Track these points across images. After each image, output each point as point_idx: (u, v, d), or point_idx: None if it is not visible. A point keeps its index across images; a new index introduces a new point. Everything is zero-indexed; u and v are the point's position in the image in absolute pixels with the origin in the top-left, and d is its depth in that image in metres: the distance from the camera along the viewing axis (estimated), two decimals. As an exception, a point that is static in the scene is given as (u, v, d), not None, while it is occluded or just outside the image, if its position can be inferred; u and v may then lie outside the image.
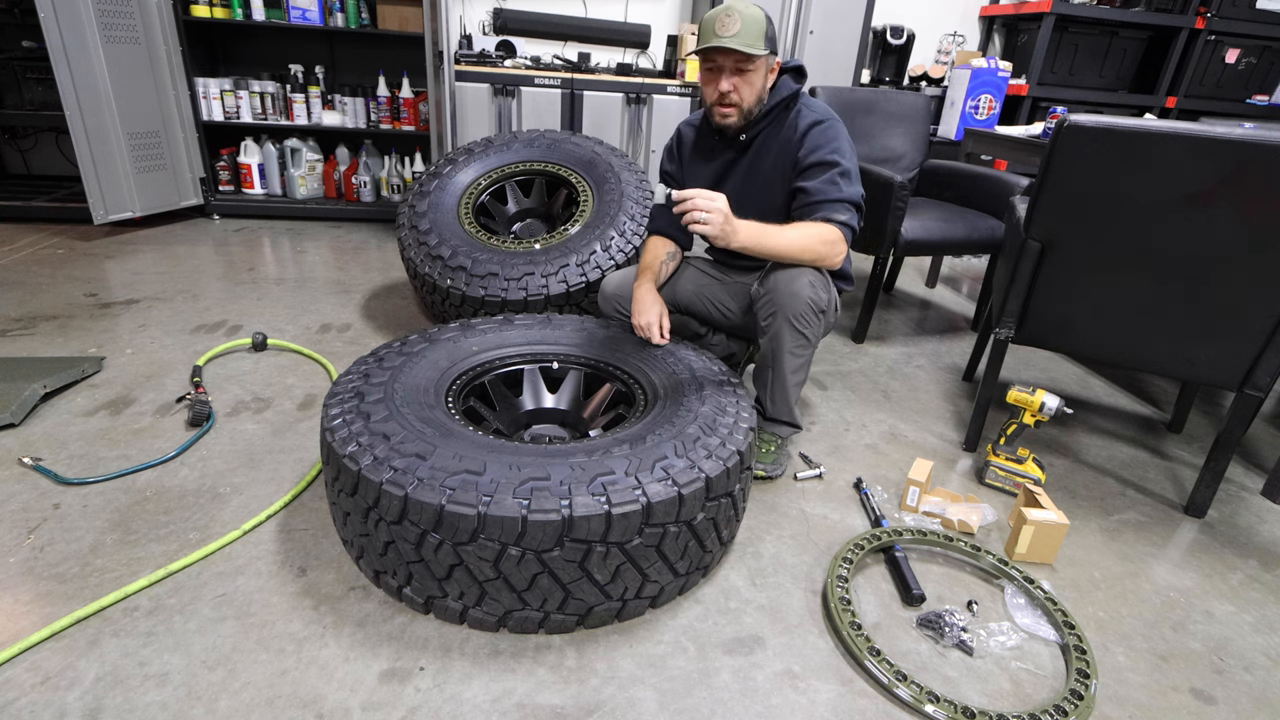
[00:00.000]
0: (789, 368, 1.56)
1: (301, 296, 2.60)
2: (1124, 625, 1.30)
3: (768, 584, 1.32)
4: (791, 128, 1.57)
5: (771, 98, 1.57)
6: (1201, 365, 1.53)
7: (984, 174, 2.65)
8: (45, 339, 2.10)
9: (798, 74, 1.60)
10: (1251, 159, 1.33)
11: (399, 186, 3.80)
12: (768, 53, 1.47)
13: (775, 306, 1.50)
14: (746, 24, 1.43)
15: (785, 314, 1.49)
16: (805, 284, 1.48)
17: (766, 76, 1.53)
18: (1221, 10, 3.86)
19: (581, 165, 2.43)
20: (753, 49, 1.44)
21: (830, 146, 1.52)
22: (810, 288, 1.48)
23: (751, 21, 1.44)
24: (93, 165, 2.92)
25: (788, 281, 1.48)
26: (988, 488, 1.70)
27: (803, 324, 1.50)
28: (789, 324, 1.50)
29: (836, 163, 1.50)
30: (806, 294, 1.48)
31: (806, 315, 1.50)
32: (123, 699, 1.00)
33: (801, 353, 1.55)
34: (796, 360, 1.56)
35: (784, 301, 1.49)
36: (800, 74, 1.60)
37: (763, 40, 1.45)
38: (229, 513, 1.41)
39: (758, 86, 1.52)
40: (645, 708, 1.05)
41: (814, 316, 1.51)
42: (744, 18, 1.43)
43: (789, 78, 1.59)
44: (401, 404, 1.26)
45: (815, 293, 1.49)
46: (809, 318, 1.50)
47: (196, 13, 3.25)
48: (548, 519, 1.02)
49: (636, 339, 1.64)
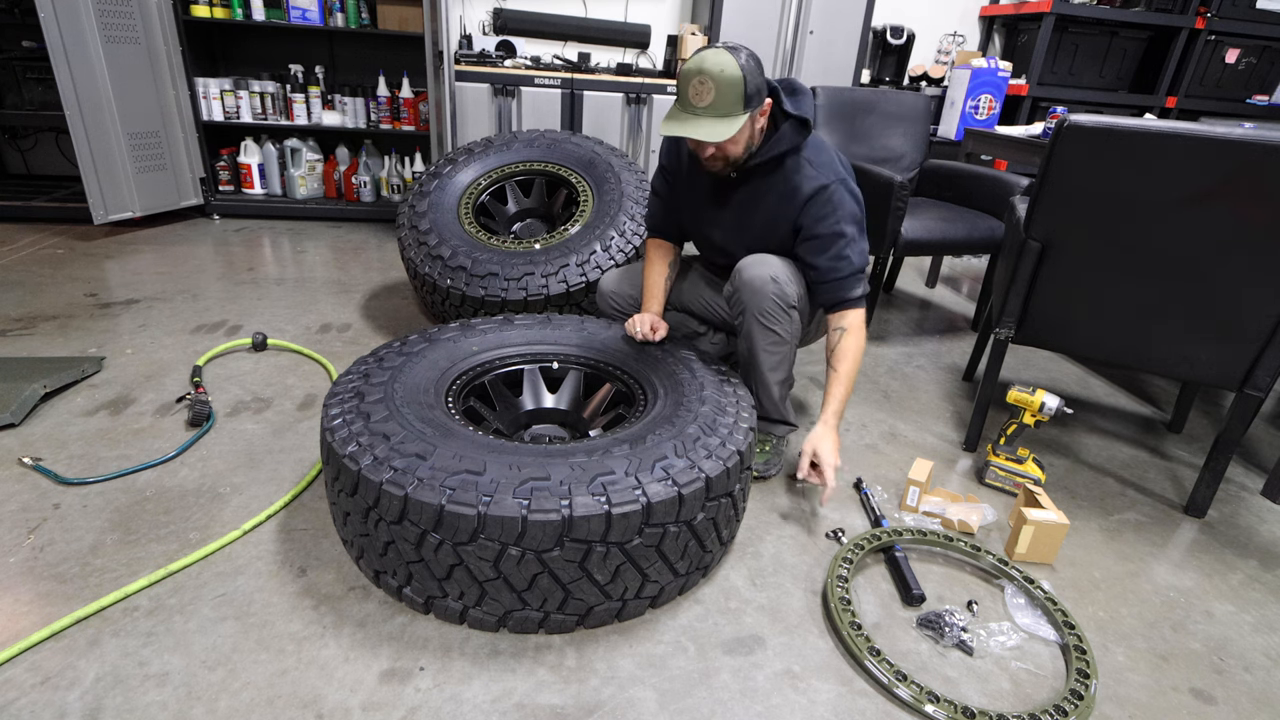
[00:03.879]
0: (766, 366, 1.54)
1: (301, 296, 2.60)
2: (1124, 625, 1.30)
3: (768, 584, 1.33)
4: (794, 182, 1.47)
5: (770, 148, 1.45)
6: (1201, 365, 1.53)
7: (984, 174, 2.65)
8: (45, 339, 2.10)
9: (803, 126, 1.45)
10: (1251, 159, 1.33)
11: (399, 186, 3.80)
12: (748, 115, 1.36)
13: (742, 305, 1.49)
14: (721, 92, 1.31)
15: (751, 312, 1.48)
16: (768, 279, 1.44)
17: (754, 124, 1.41)
18: (1221, 10, 3.86)
19: (581, 165, 2.43)
20: (727, 122, 1.33)
21: (834, 216, 1.45)
22: (773, 283, 1.45)
23: (727, 88, 1.31)
24: (93, 165, 2.92)
25: (750, 279, 1.45)
26: (988, 488, 1.70)
27: (771, 320, 1.48)
28: (757, 322, 1.48)
29: (842, 233, 1.45)
30: (770, 290, 1.45)
31: (774, 312, 1.47)
32: (123, 699, 1.00)
33: (776, 349, 1.52)
34: (773, 358, 1.53)
35: (749, 299, 1.47)
36: (804, 126, 1.46)
37: (740, 104, 1.33)
38: (229, 513, 1.41)
39: (743, 141, 1.41)
40: (645, 708, 1.05)
41: (782, 313, 1.48)
42: (718, 84, 1.30)
43: (790, 128, 1.45)
44: (401, 404, 1.26)
45: (780, 288, 1.46)
46: (777, 314, 1.47)
47: (196, 13, 3.25)
48: (548, 519, 1.02)
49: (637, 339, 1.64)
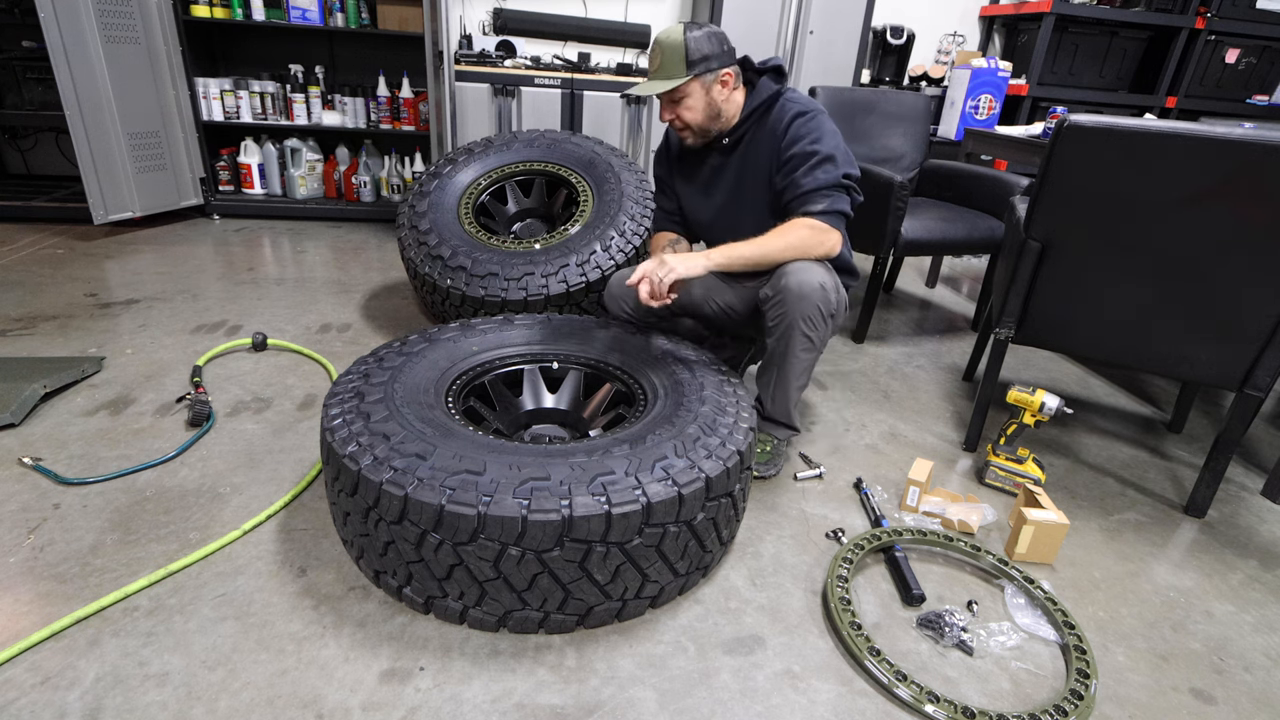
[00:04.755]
0: (794, 371, 1.56)
1: (301, 296, 2.60)
2: (1124, 625, 1.30)
3: (768, 584, 1.33)
4: (775, 124, 1.57)
5: (751, 101, 1.59)
6: (1201, 365, 1.53)
7: (984, 174, 2.65)
8: (45, 339, 2.10)
9: (777, 74, 1.61)
10: (1251, 159, 1.33)
11: (399, 186, 3.80)
12: (690, 77, 1.50)
13: (784, 308, 1.49)
14: (666, 56, 1.50)
15: (794, 316, 1.48)
16: (816, 286, 1.47)
17: (709, 92, 1.54)
18: (1221, 10, 3.86)
19: (581, 165, 2.43)
20: (669, 82, 1.50)
21: (809, 137, 1.51)
22: (821, 290, 1.47)
23: (670, 51, 1.49)
24: (93, 165, 2.92)
25: (798, 284, 1.47)
26: (988, 488, 1.70)
27: (810, 327, 1.50)
28: (798, 327, 1.49)
29: (814, 152, 1.50)
30: (817, 297, 1.47)
31: (815, 319, 1.49)
32: (123, 699, 1.00)
33: (807, 356, 1.55)
34: (802, 363, 1.55)
35: (794, 304, 1.48)
36: (780, 74, 1.61)
37: (683, 66, 1.49)
38: (229, 513, 1.41)
39: (699, 107, 1.55)
40: (645, 708, 1.05)
41: (823, 320, 1.50)
42: (664, 50, 1.50)
43: (769, 79, 1.60)
44: (401, 404, 1.26)
45: (826, 295, 1.48)
46: (817, 321, 1.49)
47: (196, 13, 3.25)
48: (548, 519, 1.02)
49: (637, 339, 1.64)
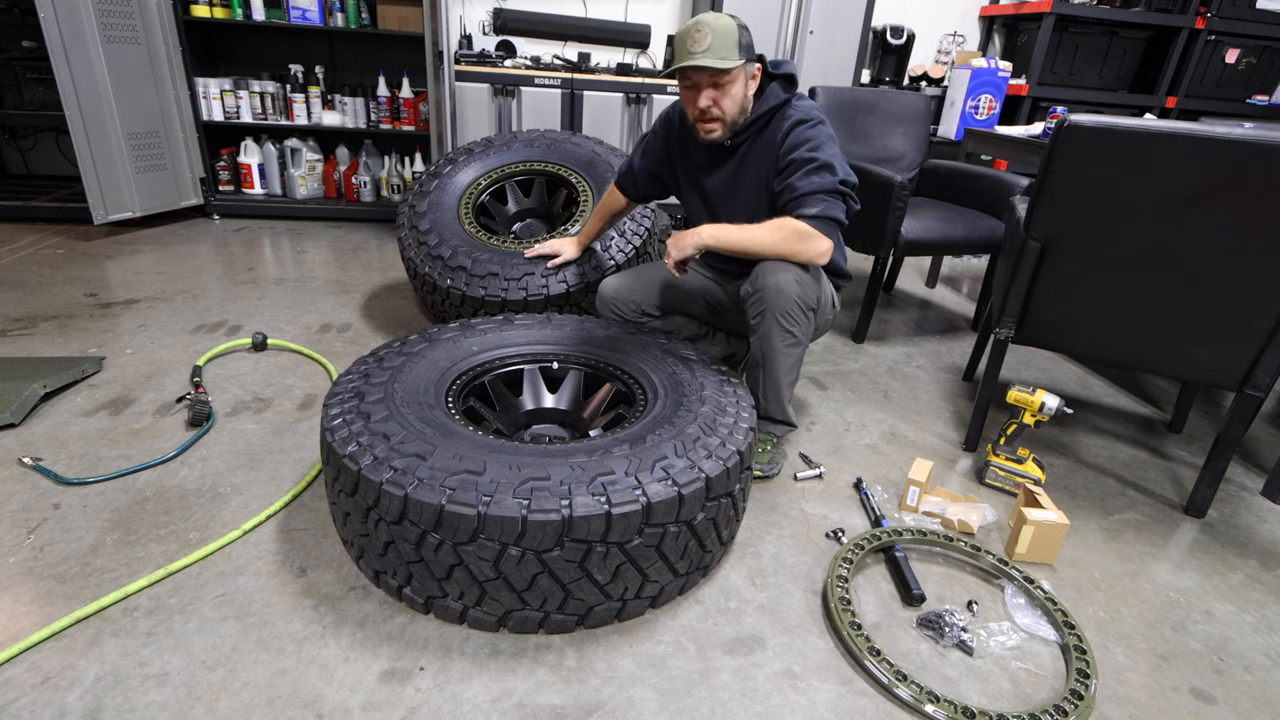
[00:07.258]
0: (780, 367, 1.55)
1: (301, 296, 2.60)
2: (1124, 625, 1.30)
3: (768, 584, 1.33)
4: (775, 131, 1.54)
5: (758, 106, 1.54)
6: (1202, 365, 1.53)
7: (984, 174, 2.65)
8: (45, 339, 2.10)
9: (788, 82, 1.55)
10: (1251, 159, 1.33)
11: (399, 186, 3.80)
12: (743, 62, 1.44)
13: (763, 305, 1.49)
14: (717, 37, 1.40)
15: (773, 312, 1.48)
16: (791, 280, 1.46)
17: (747, 84, 1.50)
18: (1221, 10, 3.86)
19: (581, 165, 2.43)
20: (725, 62, 1.40)
21: (809, 144, 1.48)
22: (797, 285, 1.46)
23: (723, 33, 1.40)
24: (93, 165, 2.92)
25: (774, 279, 1.47)
26: (988, 488, 1.70)
27: (790, 322, 1.49)
28: (777, 322, 1.49)
29: (811, 159, 1.47)
30: (794, 291, 1.46)
31: (794, 313, 1.48)
32: (123, 699, 1.00)
33: (792, 351, 1.54)
34: (787, 359, 1.55)
35: (771, 299, 1.48)
36: (790, 82, 1.56)
37: (736, 50, 1.42)
38: (229, 513, 1.41)
39: (738, 97, 1.49)
40: (645, 708, 1.05)
41: (802, 314, 1.50)
42: (714, 30, 1.40)
43: (778, 86, 1.55)
44: (401, 404, 1.26)
45: (803, 290, 1.47)
46: (796, 315, 1.49)
47: (196, 13, 3.25)
48: (548, 519, 1.02)
49: (637, 339, 1.64)
